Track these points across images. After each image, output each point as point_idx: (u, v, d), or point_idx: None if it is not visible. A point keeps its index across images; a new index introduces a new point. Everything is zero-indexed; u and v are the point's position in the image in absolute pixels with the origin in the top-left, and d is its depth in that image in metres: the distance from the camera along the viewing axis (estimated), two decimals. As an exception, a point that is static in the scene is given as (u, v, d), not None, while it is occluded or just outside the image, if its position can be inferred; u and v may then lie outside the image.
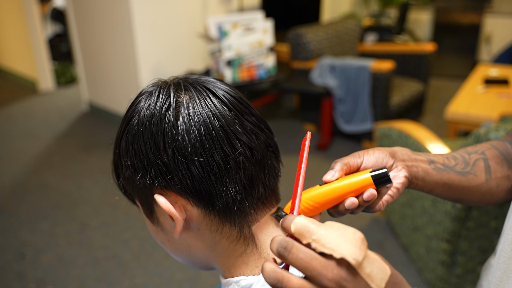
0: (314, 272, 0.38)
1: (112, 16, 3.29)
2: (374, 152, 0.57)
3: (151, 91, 0.51)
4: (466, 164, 0.63)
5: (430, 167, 0.60)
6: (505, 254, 0.60)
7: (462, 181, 0.62)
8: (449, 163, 0.62)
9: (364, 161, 0.56)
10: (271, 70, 3.16)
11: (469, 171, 0.63)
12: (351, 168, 0.55)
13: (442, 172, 0.61)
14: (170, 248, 0.55)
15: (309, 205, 0.52)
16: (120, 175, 0.54)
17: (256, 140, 0.50)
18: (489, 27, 4.87)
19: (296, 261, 0.39)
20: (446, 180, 0.61)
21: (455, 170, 0.62)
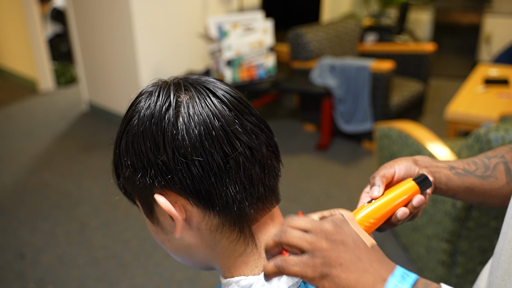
0: (314, 227, 0.44)
1: (112, 16, 3.29)
2: (402, 161, 0.61)
3: (151, 91, 0.52)
4: (487, 168, 0.65)
5: (451, 173, 0.62)
6: (505, 253, 0.60)
7: (484, 184, 0.63)
8: (470, 168, 0.64)
9: (396, 170, 0.59)
10: (271, 70, 3.16)
11: (490, 175, 0.64)
12: (387, 180, 0.58)
13: (463, 177, 0.63)
14: (170, 248, 0.55)
15: (369, 223, 0.53)
16: (120, 175, 0.54)
17: (256, 140, 0.50)
18: (489, 27, 4.87)
19: (297, 222, 0.45)
20: (467, 185, 0.63)
21: (476, 175, 0.64)
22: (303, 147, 3.22)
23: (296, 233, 0.44)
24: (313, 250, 0.43)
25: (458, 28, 4.77)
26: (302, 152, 3.13)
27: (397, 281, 0.42)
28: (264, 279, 0.45)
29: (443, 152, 1.65)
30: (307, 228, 0.45)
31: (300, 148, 3.20)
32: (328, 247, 0.43)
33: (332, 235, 0.44)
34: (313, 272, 0.42)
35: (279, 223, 0.55)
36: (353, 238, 0.44)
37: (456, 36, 4.79)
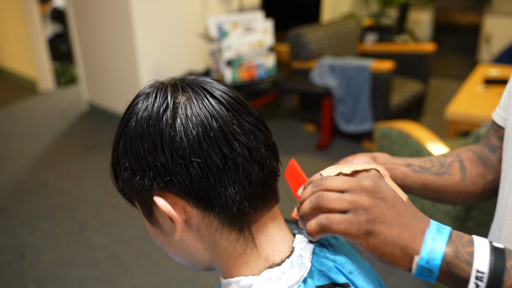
0: (352, 185, 0.45)
1: (112, 16, 3.29)
2: (361, 157, 0.64)
3: (148, 92, 0.51)
4: (442, 165, 0.69)
5: (407, 169, 0.66)
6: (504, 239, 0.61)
7: (439, 180, 0.67)
8: (426, 165, 0.68)
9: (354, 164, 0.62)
10: (271, 70, 3.16)
11: (445, 172, 0.68)
12: None
13: (419, 173, 0.66)
14: (170, 250, 0.55)
15: None
16: (118, 177, 0.54)
17: (255, 140, 0.50)
18: (489, 27, 4.87)
19: (333, 182, 0.46)
20: (422, 181, 0.66)
21: (431, 171, 0.67)
22: (303, 147, 3.22)
23: (333, 195, 0.45)
24: (355, 209, 0.44)
25: (458, 28, 4.76)
26: (302, 152, 3.13)
27: (434, 233, 0.44)
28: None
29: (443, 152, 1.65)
30: (344, 188, 0.45)
31: (300, 148, 3.20)
32: (370, 205, 0.44)
33: (372, 193, 0.45)
34: (358, 230, 0.44)
35: (279, 223, 0.55)
36: (391, 194, 0.46)
37: (456, 36, 4.79)
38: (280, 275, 0.50)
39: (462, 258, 0.43)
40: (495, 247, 0.44)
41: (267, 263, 0.52)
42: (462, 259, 0.43)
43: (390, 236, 0.44)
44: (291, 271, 0.51)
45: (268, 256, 0.52)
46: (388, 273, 1.95)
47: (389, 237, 0.44)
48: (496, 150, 0.71)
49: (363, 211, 0.44)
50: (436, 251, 0.43)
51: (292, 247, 0.54)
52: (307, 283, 0.51)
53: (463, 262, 0.43)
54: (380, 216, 0.44)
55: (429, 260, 0.43)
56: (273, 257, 0.52)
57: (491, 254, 0.43)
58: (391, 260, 0.44)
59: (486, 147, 0.73)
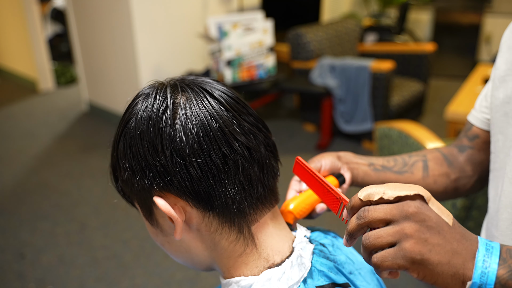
0: (395, 215, 0.43)
1: (112, 16, 3.29)
2: (328, 157, 0.67)
3: (148, 93, 0.51)
4: (405, 164, 0.71)
5: (369, 169, 0.69)
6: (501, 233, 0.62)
7: (399, 179, 0.69)
8: (388, 165, 0.70)
9: (323, 165, 0.66)
10: (271, 70, 3.16)
11: (406, 170, 0.71)
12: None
13: (380, 172, 0.70)
14: (170, 250, 0.55)
15: (304, 209, 0.62)
16: (118, 178, 0.54)
17: (254, 140, 0.50)
18: (489, 27, 4.87)
19: (376, 214, 0.44)
20: (383, 179, 0.69)
21: (393, 170, 0.70)
22: (303, 147, 3.22)
23: (378, 233, 0.44)
24: (400, 240, 0.43)
25: (458, 28, 4.76)
26: (302, 152, 3.13)
27: (484, 255, 0.43)
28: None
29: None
30: (388, 220, 0.44)
31: (300, 148, 3.20)
32: (414, 233, 0.43)
33: (415, 220, 0.43)
34: (406, 262, 0.43)
35: (279, 223, 0.55)
36: (436, 221, 0.43)
37: (456, 36, 4.79)
38: (280, 275, 0.50)
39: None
40: None
41: (267, 263, 0.52)
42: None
43: (439, 266, 0.42)
44: (291, 271, 0.51)
45: (268, 256, 0.52)
46: (388, 273, 1.95)
47: (439, 267, 0.43)
48: (465, 150, 0.73)
49: (408, 243, 0.42)
50: (488, 275, 0.42)
51: (292, 247, 0.54)
52: (307, 283, 0.51)
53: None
54: (427, 245, 0.43)
55: (482, 285, 0.42)
56: (273, 257, 0.52)
57: None
58: (444, 285, 0.43)
59: (456, 147, 0.75)
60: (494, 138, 0.66)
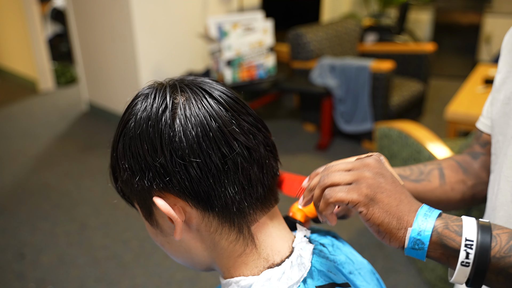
0: (355, 165, 0.49)
1: (112, 16, 3.29)
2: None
3: (147, 93, 0.51)
4: (421, 173, 0.72)
5: None
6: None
7: (417, 187, 0.70)
8: (404, 174, 0.71)
9: None
10: (271, 70, 3.16)
11: (423, 179, 0.71)
12: None
13: None
14: (170, 250, 0.55)
15: (310, 214, 0.62)
16: (118, 178, 0.54)
17: (254, 140, 0.50)
18: (489, 27, 4.87)
19: (338, 167, 0.49)
20: None
21: (410, 179, 0.70)
22: (303, 147, 3.22)
23: (338, 173, 0.49)
24: (357, 179, 0.48)
25: (458, 28, 4.76)
26: (302, 152, 3.13)
27: (426, 210, 0.48)
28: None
29: (443, 152, 1.65)
30: (348, 168, 0.49)
31: (300, 148, 3.20)
32: (371, 176, 0.48)
33: (373, 168, 0.49)
34: (359, 196, 0.47)
35: (279, 223, 0.55)
36: (390, 174, 0.50)
37: (456, 36, 4.79)
38: (280, 275, 0.50)
39: (452, 229, 0.46)
40: (481, 221, 0.47)
41: (266, 263, 0.52)
42: (452, 230, 0.46)
43: (388, 205, 0.47)
44: (291, 271, 0.51)
45: (268, 256, 0.52)
46: (388, 273, 1.95)
47: (387, 206, 0.47)
48: (479, 157, 0.74)
49: (364, 180, 0.47)
50: (427, 223, 0.46)
51: (292, 247, 0.54)
52: (307, 283, 0.51)
53: (453, 233, 0.45)
54: (380, 187, 0.47)
55: (420, 231, 0.46)
56: (272, 257, 0.52)
57: (478, 226, 0.46)
58: (388, 231, 0.47)
59: (469, 155, 0.75)
60: (495, 139, 0.66)
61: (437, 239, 0.45)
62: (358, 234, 2.22)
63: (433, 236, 0.45)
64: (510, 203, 0.61)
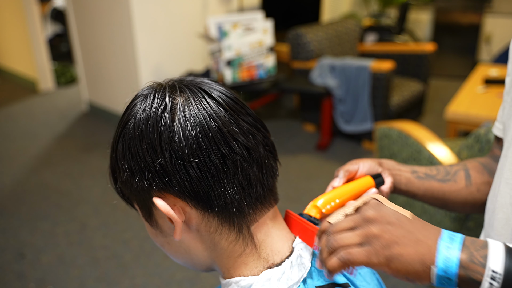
0: (358, 222, 0.47)
1: (112, 16, 3.29)
2: (367, 161, 0.69)
3: (146, 94, 0.51)
4: (447, 173, 0.72)
5: (412, 176, 0.70)
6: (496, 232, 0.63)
7: (443, 187, 0.70)
8: (431, 173, 0.71)
9: (360, 167, 0.68)
10: (271, 70, 3.16)
11: (449, 179, 0.71)
12: (351, 174, 0.68)
13: (423, 180, 0.70)
14: (170, 251, 0.55)
15: (330, 206, 0.61)
16: (117, 179, 0.54)
17: (253, 140, 0.50)
18: (489, 27, 4.87)
19: (340, 226, 0.48)
20: (427, 186, 0.70)
21: (436, 178, 0.70)
22: (303, 147, 3.21)
23: (345, 235, 0.47)
24: (368, 239, 0.46)
25: (458, 28, 4.76)
26: (302, 152, 3.13)
27: (447, 242, 0.44)
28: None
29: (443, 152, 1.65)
30: (352, 226, 0.47)
31: (300, 148, 3.20)
32: (380, 232, 0.46)
33: (377, 220, 0.46)
34: (378, 258, 0.45)
35: (278, 223, 0.55)
36: (395, 216, 0.47)
37: (456, 36, 4.79)
38: (280, 275, 0.50)
39: (477, 261, 0.43)
40: (510, 247, 0.43)
41: (266, 263, 0.52)
42: (477, 262, 0.43)
43: (408, 256, 0.44)
44: (290, 271, 0.51)
45: (268, 256, 0.52)
46: (388, 273, 1.95)
47: (407, 257, 0.44)
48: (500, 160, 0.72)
49: (375, 239, 0.45)
50: (451, 259, 0.43)
51: (291, 247, 0.54)
52: (307, 283, 0.51)
53: (478, 266, 0.43)
54: (392, 238, 0.45)
55: (445, 269, 0.43)
56: (272, 257, 0.52)
57: (506, 254, 0.42)
58: (416, 276, 0.45)
59: (491, 158, 0.75)
60: (506, 143, 0.66)
61: (465, 275, 0.43)
62: (358, 234, 2.22)
63: (460, 272, 0.43)
64: (509, 205, 0.61)
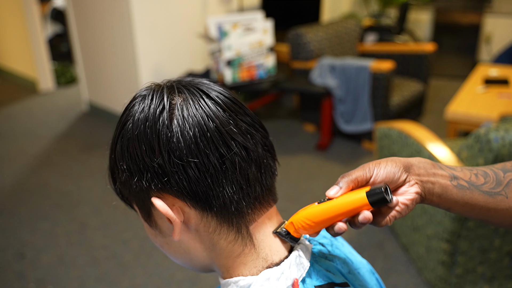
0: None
1: (112, 16, 3.29)
2: (387, 164, 0.52)
3: (145, 94, 0.51)
4: (498, 183, 0.55)
5: (451, 184, 0.53)
6: None
7: (489, 202, 0.54)
8: (477, 181, 0.55)
9: (374, 175, 0.51)
10: (271, 70, 3.16)
11: (499, 192, 0.55)
12: (359, 183, 0.51)
13: (465, 190, 0.54)
14: (169, 251, 0.55)
15: (305, 224, 0.51)
16: (116, 179, 0.54)
17: (251, 139, 0.50)
18: (489, 27, 4.87)
19: None
20: (467, 200, 0.54)
21: (482, 190, 0.54)
22: (303, 147, 3.22)
23: None
24: None
25: (458, 28, 4.76)
26: (302, 152, 3.13)
27: None
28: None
29: (443, 152, 1.65)
30: None
31: (300, 148, 3.20)
32: None
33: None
34: None
35: (277, 223, 0.55)
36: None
37: (456, 36, 4.79)
38: (279, 275, 0.50)
39: None
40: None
41: (265, 263, 0.52)
42: None
43: None
44: (289, 271, 0.51)
45: (267, 256, 0.52)
46: (388, 273, 1.95)
47: None
48: None
49: None
50: None
51: (290, 246, 0.54)
52: (306, 283, 0.51)
53: None
54: None
55: None
56: (271, 257, 0.52)
57: None
58: None
59: None
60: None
61: None
62: (358, 234, 2.22)
63: None
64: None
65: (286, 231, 0.52)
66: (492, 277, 1.68)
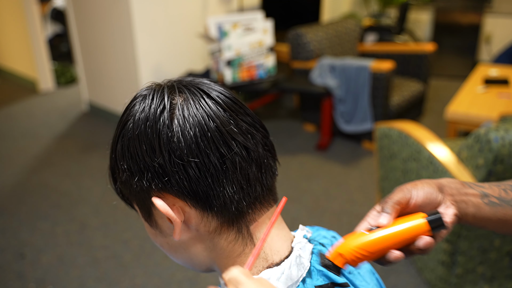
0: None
1: (112, 16, 3.29)
2: (423, 186, 0.53)
3: (145, 94, 0.52)
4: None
5: (482, 201, 0.54)
6: None
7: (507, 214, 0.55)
8: (507, 196, 0.55)
9: (413, 196, 0.52)
10: (271, 70, 3.16)
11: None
12: (401, 206, 0.52)
13: (497, 207, 0.54)
14: (170, 251, 0.55)
15: (360, 255, 0.49)
16: (117, 179, 0.54)
17: (252, 139, 0.50)
18: (489, 27, 4.87)
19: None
20: (500, 216, 0.54)
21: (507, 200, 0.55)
22: (303, 147, 3.22)
23: None
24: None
25: (458, 28, 4.76)
26: (302, 152, 3.13)
27: None
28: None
29: (443, 152, 1.65)
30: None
31: (300, 148, 3.20)
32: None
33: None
34: None
35: (278, 223, 0.55)
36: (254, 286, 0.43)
37: (456, 36, 4.79)
38: (279, 275, 0.50)
39: None
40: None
41: (266, 263, 0.52)
42: None
43: None
44: (290, 271, 0.51)
45: (267, 256, 0.52)
46: (388, 273, 1.95)
47: None
48: None
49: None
50: None
51: (291, 246, 0.54)
52: (306, 283, 0.51)
53: None
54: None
55: None
56: (272, 257, 0.52)
57: None
58: None
59: None
60: None
61: None
62: (358, 234, 2.21)
63: None
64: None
65: (333, 264, 0.51)
66: (492, 277, 1.68)
